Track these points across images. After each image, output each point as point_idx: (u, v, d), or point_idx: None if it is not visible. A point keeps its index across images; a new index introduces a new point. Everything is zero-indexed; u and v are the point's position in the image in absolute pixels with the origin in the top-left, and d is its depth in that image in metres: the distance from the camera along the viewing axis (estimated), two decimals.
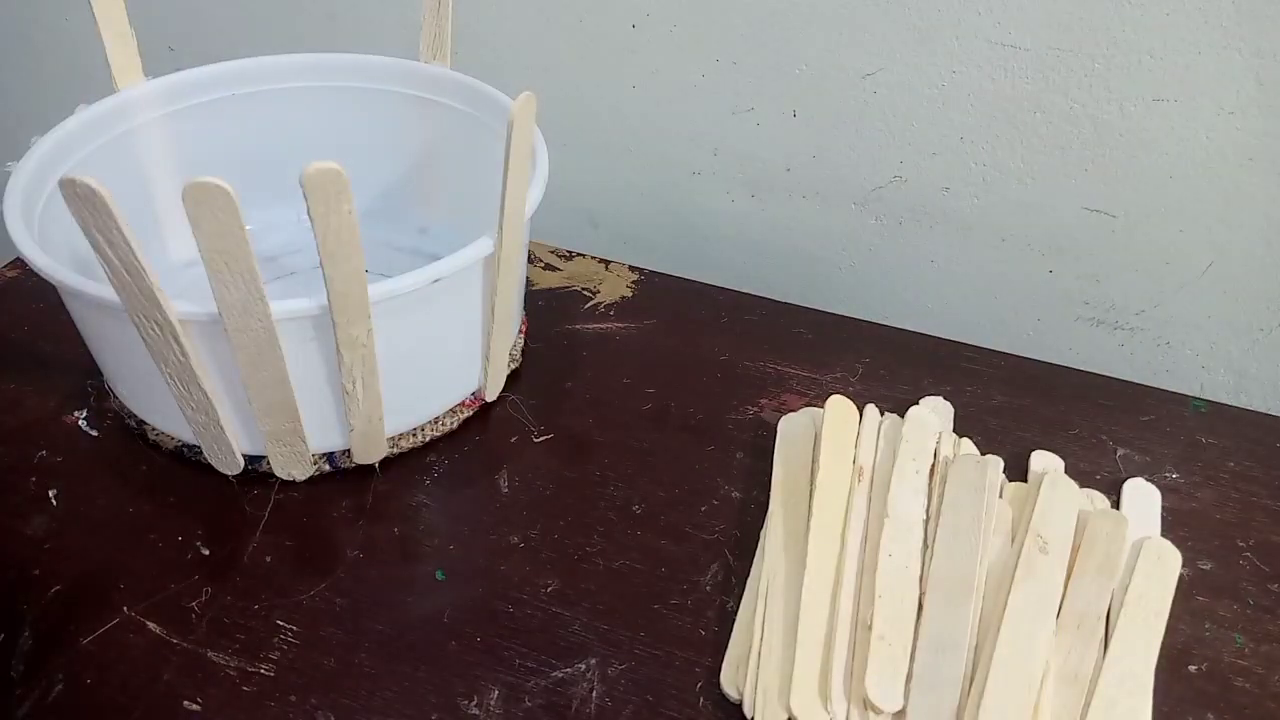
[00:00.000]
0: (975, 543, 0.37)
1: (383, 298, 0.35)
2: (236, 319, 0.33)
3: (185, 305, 0.33)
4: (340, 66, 0.51)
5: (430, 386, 0.43)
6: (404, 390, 0.40)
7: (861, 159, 0.57)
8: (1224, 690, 0.34)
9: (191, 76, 0.49)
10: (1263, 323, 0.53)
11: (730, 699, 0.34)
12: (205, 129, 0.50)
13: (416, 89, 0.50)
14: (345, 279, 0.33)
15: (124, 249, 0.31)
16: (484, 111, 0.48)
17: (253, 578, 0.38)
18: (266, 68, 0.50)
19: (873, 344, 0.50)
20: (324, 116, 0.52)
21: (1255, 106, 0.47)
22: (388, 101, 0.51)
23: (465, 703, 0.34)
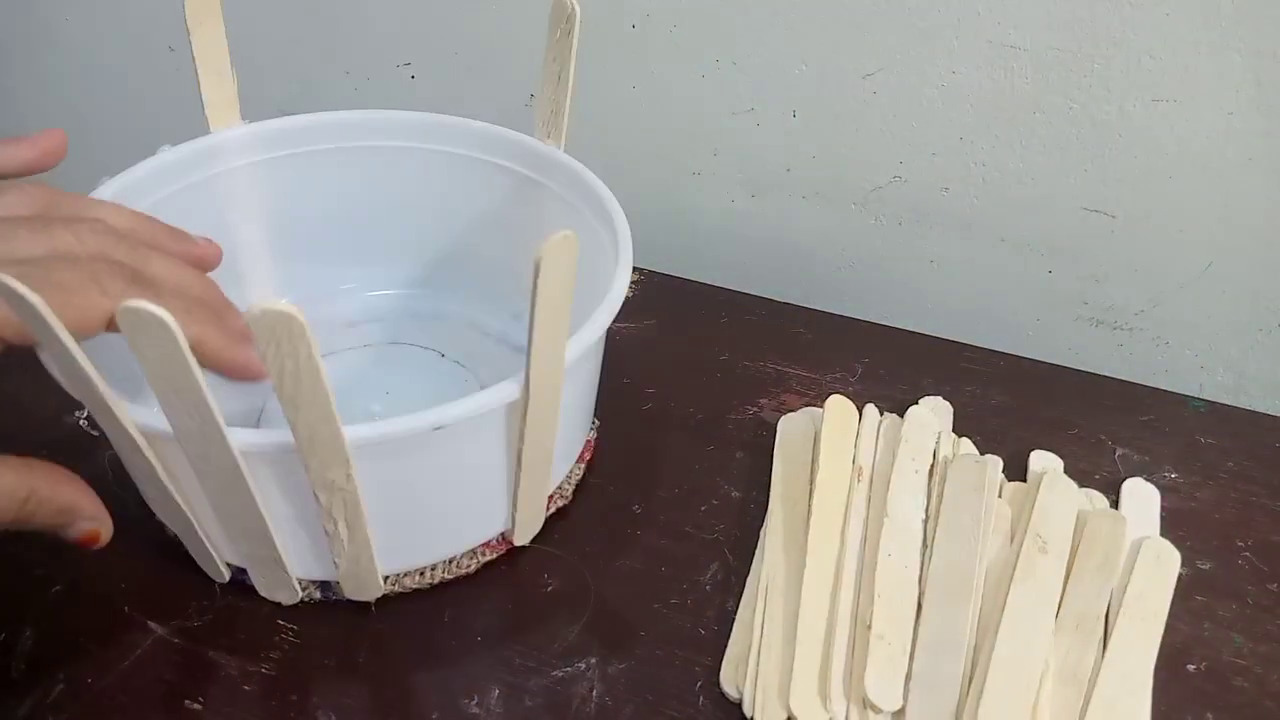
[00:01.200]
0: (974, 542, 0.37)
1: (364, 443, 0.30)
2: (195, 447, 0.29)
3: (145, 417, 0.29)
4: (452, 130, 0.47)
5: (437, 531, 0.37)
6: (403, 533, 0.36)
7: (861, 159, 0.57)
8: (1223, 690, 0.34)
9: (292, 123, 0.46)
10: (1262, 323, 0.53)
11: (730, 698, 0.34)
12: (299, 180, 0.47)
13: (528, 168, 0.46)
14: (310, 425, 0.28)
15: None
16: (586, 205, 0.44)
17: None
18: (375, 123, 0.47)
19: (872, 344, 0.50)
20: (429, 180, 0.48)
21: (1255, 107, 0.47)
22: (496, 175, 0.46)
23: (466, 701, 0.34)
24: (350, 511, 0.32)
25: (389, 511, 0.33)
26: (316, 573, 0.36)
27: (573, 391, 0.36)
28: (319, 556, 0.35)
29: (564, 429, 0.37)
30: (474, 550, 0.38)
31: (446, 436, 0.31)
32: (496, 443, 0.34)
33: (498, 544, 0.38)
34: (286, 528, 0.33)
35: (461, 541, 0.38)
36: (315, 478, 0.30)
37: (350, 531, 0.33)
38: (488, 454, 0.34)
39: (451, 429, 0.31)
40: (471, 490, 0.36)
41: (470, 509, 0.37)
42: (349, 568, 0.34)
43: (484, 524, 0.38)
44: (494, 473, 0.35)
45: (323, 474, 0.30)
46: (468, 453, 0.34)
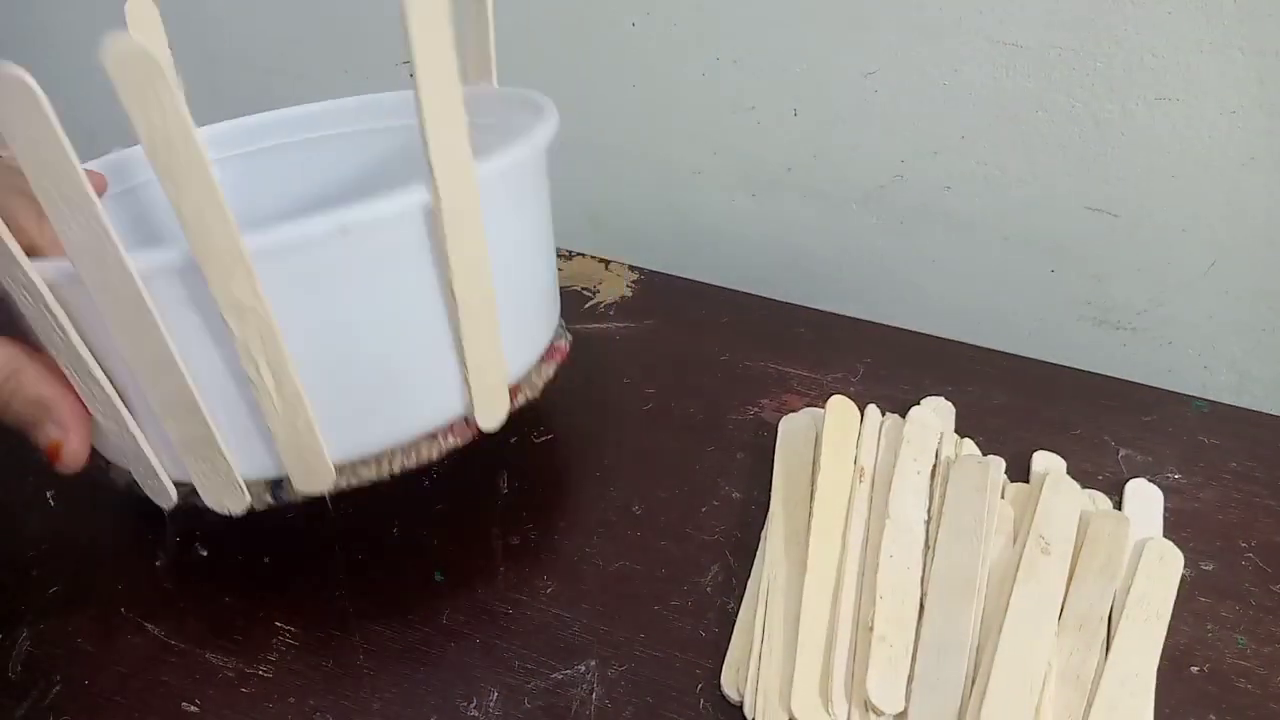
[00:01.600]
0: (977, 544, 0.37)
1: (268, 246, 0.28)
2: (91, 271, 0.27)
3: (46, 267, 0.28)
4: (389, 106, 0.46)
5: (382, 396, 0.33)
6: (341, 396, 0.32)
7: (862, 159, 0.56)
8: (1226, 691, 0.34)
9: (242, 124, 0.46)
10: (1265, 322, 0.53)
11: (731, 700, 0.34)
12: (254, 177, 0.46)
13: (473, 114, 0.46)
14: (196, 208, 0.26)
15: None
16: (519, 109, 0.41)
17: (251, 578, 0.38)
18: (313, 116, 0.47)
19: (873, 344, 0.50)
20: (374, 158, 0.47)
21: (1257, 106, 0.47)
22: None
23: (464, 704, 0.34)
24: (269, 347, 0.29)
25: (314, 360, 0.31)
26: (261, 465, 0.33)
27: (510, 233, 0.35)
28: (259, 437, 0.32)
29: (511, 287, 0.35)
30: (435, 434, 0.35)
31: (361, 252, 0.30)
32: (423, 278, 0.32)
33: (461, 429, 0.35)
34: (212, 393, 0.31)
35: (415, 418, 0.34)
36: (221, 296, 0.28)
37: (276, 379, 0.30)
38: (411, 284, 0.32)
39: (364, 241, 0.29)
40: (404, 335, 0.33)
41: (410, 367, 0.33)
42: (288, 437, 0.32)
43: (434, 394, 0.34)
44: (426, 312, 0.33)
45: (227, 289, 0.28)
46: (386, 277, 0.31)
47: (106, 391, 0.31)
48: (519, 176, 0.35)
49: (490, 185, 0.32)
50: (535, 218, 0.38)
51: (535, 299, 0.39)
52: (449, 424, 0.35)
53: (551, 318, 0.41)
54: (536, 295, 0.39)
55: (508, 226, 0.34)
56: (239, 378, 0.31)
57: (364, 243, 0.30)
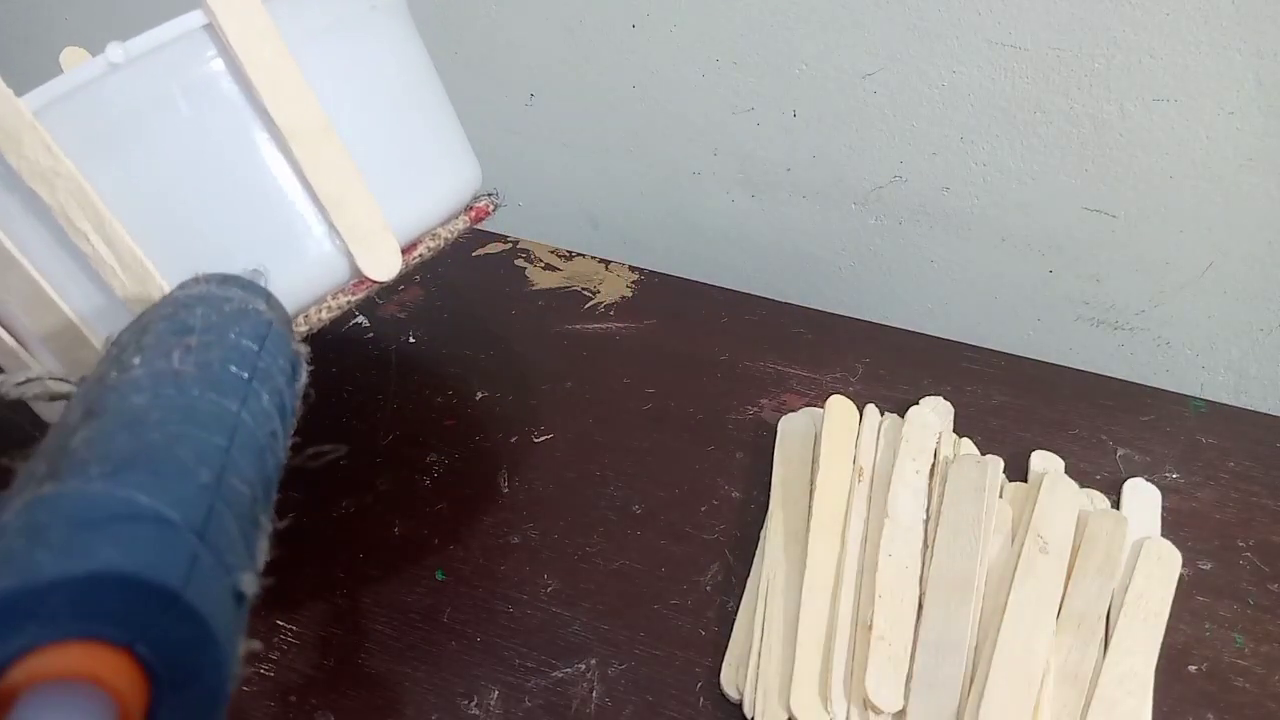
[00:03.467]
0: (975, 543, 0.37)
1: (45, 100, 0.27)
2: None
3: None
4: None
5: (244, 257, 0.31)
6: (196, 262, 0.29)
7: (861, 159, 0.57)
8: (1224, 690, 0.34)
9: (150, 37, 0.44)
10: (1263, 322, 0.53)
11: (730, 699, 0.34)
12: None
13: None
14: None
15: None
16: None
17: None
18: None
19: (873, 344, 0.50)
20: None
21: (1255, 106, 0.47)
22: None
23: (465, 703, 0.34)
24: (89, 212, 0.28)
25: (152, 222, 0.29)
26: None
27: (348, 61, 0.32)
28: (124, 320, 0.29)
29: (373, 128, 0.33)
30: (323, 299, 0.32)
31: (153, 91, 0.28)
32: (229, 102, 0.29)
33: (354, 286, 0.33)
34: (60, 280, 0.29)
35: (292, 278, 0.31)
36: (17, 161, 0.27)
37: (111, 247, 0.28)
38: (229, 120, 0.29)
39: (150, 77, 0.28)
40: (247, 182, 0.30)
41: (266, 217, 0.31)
42: None
43: (305, 249, 0.31)
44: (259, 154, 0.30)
45: (19, 153, 0.27)
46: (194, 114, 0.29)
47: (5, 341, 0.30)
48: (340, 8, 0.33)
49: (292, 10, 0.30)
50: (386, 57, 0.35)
51: (413, 145, 0.36)
52: (338, 284, 0.33)
53: (455, 173, 0.38)
54: (414, 142, 0.36)
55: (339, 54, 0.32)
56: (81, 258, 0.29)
57: (149, 78, 0.28)
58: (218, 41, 0.29)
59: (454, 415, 0.46)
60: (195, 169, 0.30)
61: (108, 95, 0.28)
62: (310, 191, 0.31)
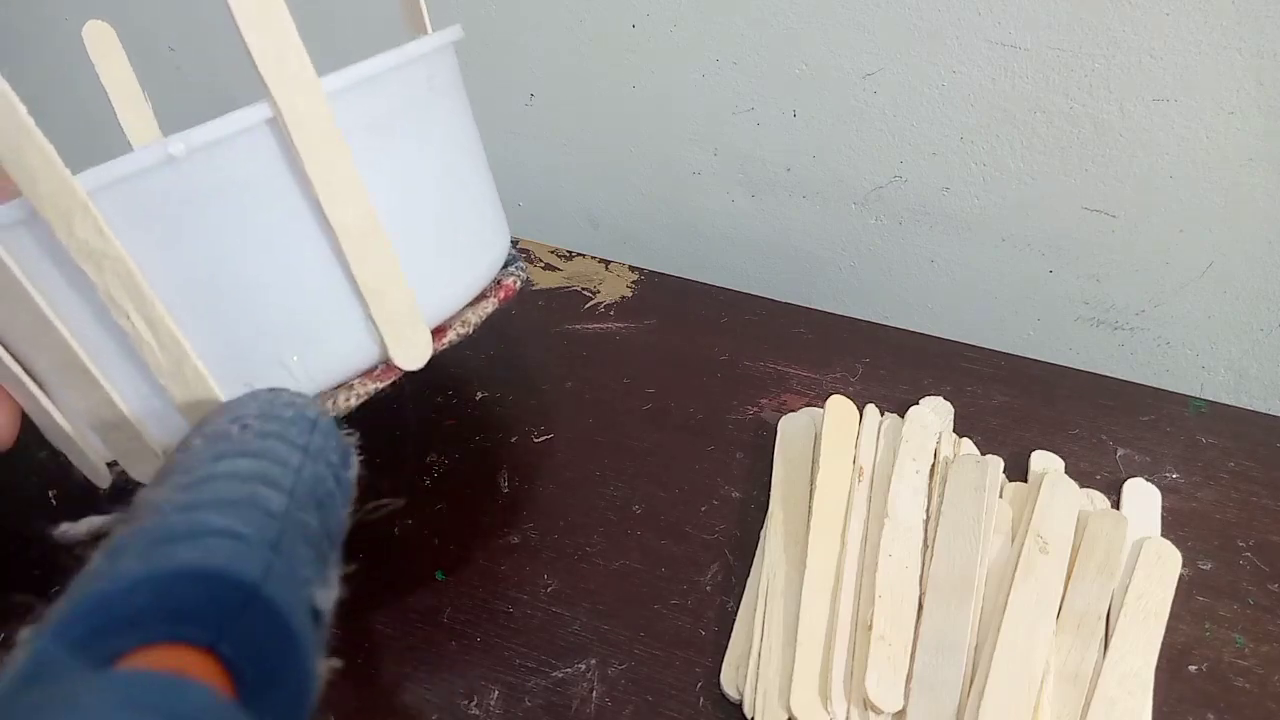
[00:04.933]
0: (975, 543, 0.37)
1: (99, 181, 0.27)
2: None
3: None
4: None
5: (279, 345, 0.31)
6: (231, 345, 0.30)
7: (861, 159, 0.57)
8: (1224, 690, 0.34)
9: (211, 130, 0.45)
10: (1263, 322, 0.53)
11: (730, 699, 0.34)
12: None
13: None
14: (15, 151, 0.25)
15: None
16: None
17: None
18: None
19: (873, 344, 0.50)
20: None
21: (1255, 106, 0.47)
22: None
23: (465, 703, 0.34)
24: (133, 293, 0.28)
25: (191, 303, 0.29)
26: (172, 430, 0.31)
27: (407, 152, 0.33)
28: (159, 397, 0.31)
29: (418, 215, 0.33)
30: (350, 383, 0.33)
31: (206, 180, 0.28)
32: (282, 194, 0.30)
33: (381, 372, 0.33)
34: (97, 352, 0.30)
35: (323, 364, 0.32)
36: (66, 239, 0.27)
37: (150, 325, 0.29)
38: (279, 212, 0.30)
39: (206, 167, 0.28)
40: (289, 272, 0.31)
41: (300, 305, 0.31)
42: (181, 393, 0.30)
43: (338, 335, 0.32)
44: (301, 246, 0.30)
45: (72, 235, 0.27)
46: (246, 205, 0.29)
47: (10, 367, 0.30)
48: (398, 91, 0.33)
49: (350, 98, 0.30)
50: (437, 140, 0.35)
51: (453, 231, 0.36)
52: (366, 369, 0.33)
53: (488, 250, 0.38)
54: (455, 227, 0.36)
55: (392, 146, 0.32)
56: (120, 335, 0.29)
57: (206, 169, 0.28)
58: (279, 137, 0.29)
59: (454, 415, 0.46)
60: (241, 258, 0.30)
61: (163, 185, 0.28)
62: (353, 283, 0.32)
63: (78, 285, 0.29)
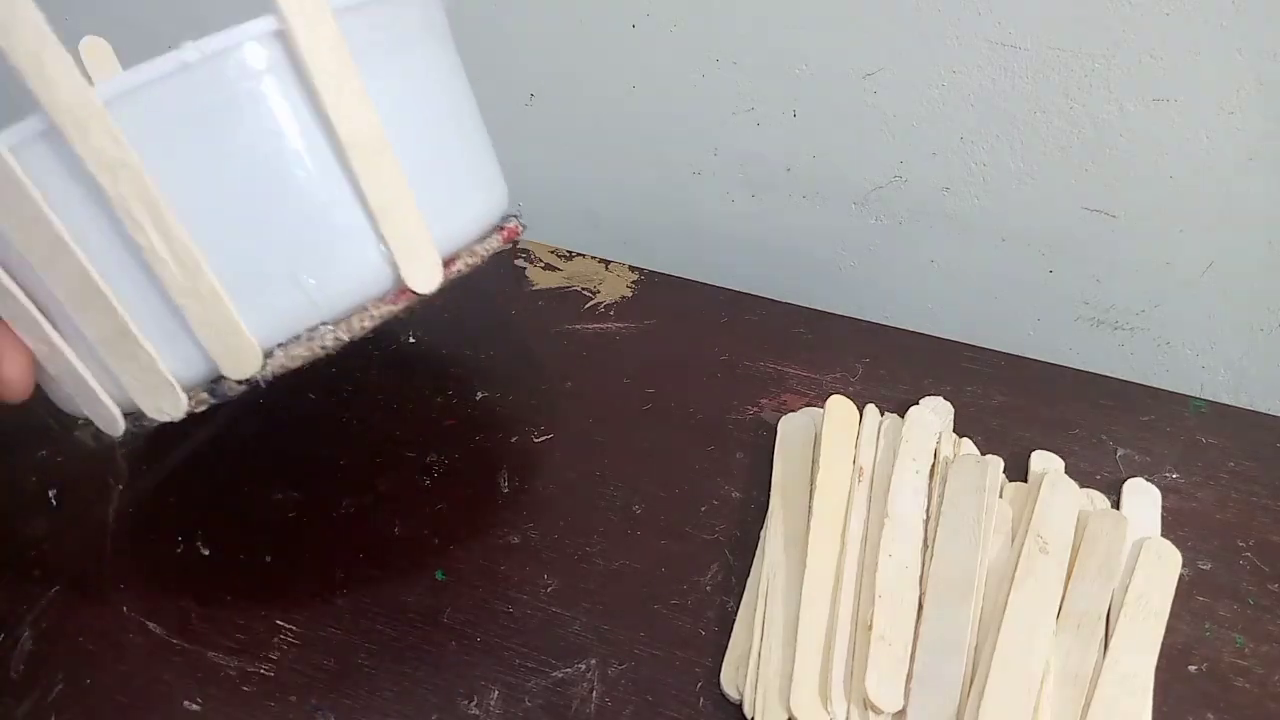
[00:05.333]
0: (975, 543, 0.37)
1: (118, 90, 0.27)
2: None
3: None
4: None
5: (293, 262, 0.31)
6: (246, 262, 0.31)
7: (861, 159, 0.57)
8: (1224, 690, 0.34)
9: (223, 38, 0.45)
10: (1263, 323, 0.53)
11: (730, 699, 0.34)
12: None
13: None
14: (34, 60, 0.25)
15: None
16: None
17: (253, 577, 0.38)
18: None
19: (873, 344, 0.50)
20: None
21: (1256, 106, 0.47)
22: None
23: (465, 703, 0.34)
24: (150, 206, 0.28)
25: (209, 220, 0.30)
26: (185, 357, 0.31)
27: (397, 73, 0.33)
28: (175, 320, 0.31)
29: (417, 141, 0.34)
30: (365, 307, 0.33)
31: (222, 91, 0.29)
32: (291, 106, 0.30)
33: (394, 296, 0.33)
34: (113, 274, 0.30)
35: (336, 284, 0.32)
36: (83, 150, 0.27)
37: (166, 242, 0.29)
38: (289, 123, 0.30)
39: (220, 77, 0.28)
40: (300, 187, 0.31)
41: (315, 221, 0.32)
42: (199, 313, 0.30)
43: (351, 255, 0.32)
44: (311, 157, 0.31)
45: (87, 141, 0.27)
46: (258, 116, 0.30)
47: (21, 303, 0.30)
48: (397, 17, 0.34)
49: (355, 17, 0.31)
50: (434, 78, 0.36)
51: (454, 164, 0.37)
52: (379, 293, 0.33)
53: (489, 190, 0.39)
54: (456, 161, 0.37)
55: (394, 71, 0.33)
56: (137, 256, 0.29)
57: (220, 78, 0.29)
58: (288, 48, 0.30)
59: (454, 415, 0.46)
60: (253, 171, 0.30)
61: (177, 92, 0.29)
62: (362, 201, 0.32)
63: (93, 202, 0.29)
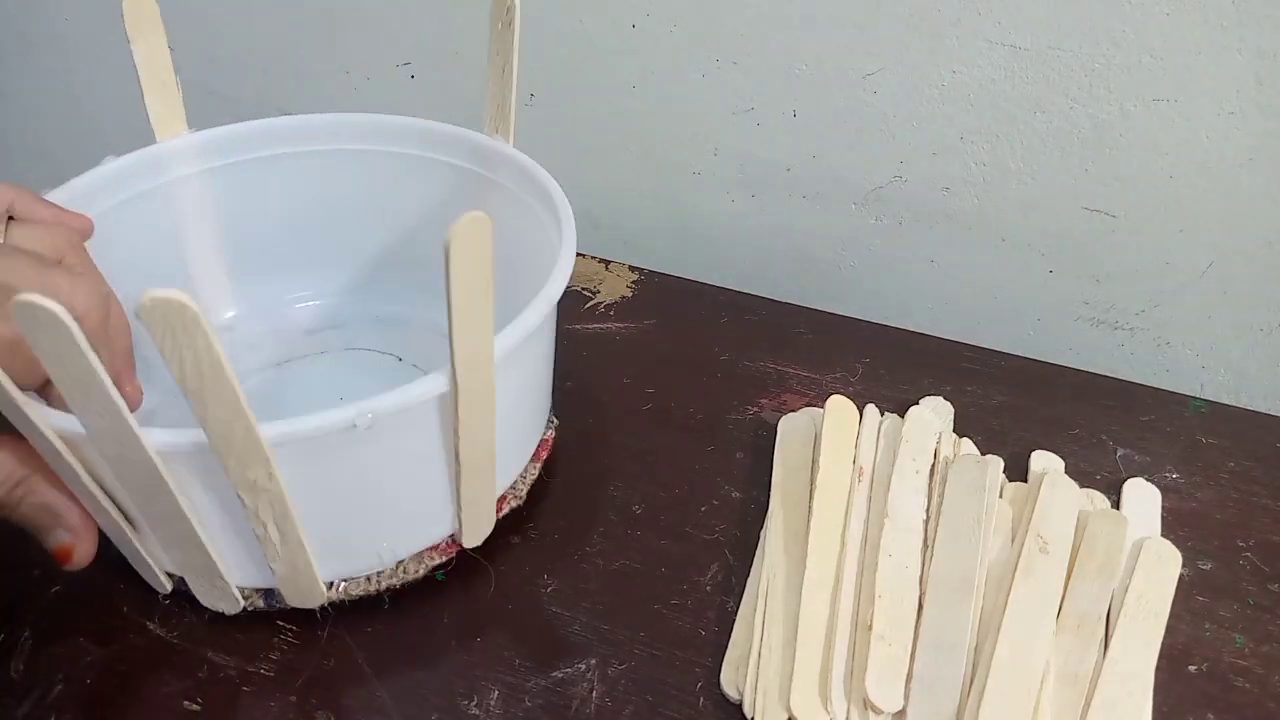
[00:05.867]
0: (975, 543, 0.37)
1: (282, 440, 0.29)
2: (109, 448, 0.28)
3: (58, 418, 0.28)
4: (400, 131, 0.46)
5: (378, 534, 0.35)
6: (340, 536, 0.34)
7: (861, 159, 0.57)
8: (1224, 690, 0.34)
9: (239, 130, 0.45)
10: (1263, 323, 0.53)
11: (730, 699, 0.34)
12: (249, 187, 0.46)
13: (476, 164, 0.45)
14: (221, 421, 0.27)
15: None
16: (534, 198, 0.43)
17: None
18: (319, 126, 0.46)
19: (873, 344, 0.50)
20: (380, 181, 0.47)
21: (1255, 107, 0.47)
22: (445, 173, 0.46)
23: (465, 703, 0.34)
24: (279, 514, 0.31)
25: (322, 513, 0.32)
26: (256, 579, 0.35)
27: (514, 384, 0.35)
28: (255, 562, 0.33)
29: (510, 425, 0.36)
30: (420, 554, 0.37)
31: (370, 435, 0.30)
32: (430, 439, 0.33)
33: (446, 547, 0.37)
34: (217, 533, 0.32)
35: (405, 545, 0.36)
36: (235, 478, 0.29)
37: (281, 534, 0.31)
38: (422, 451, 0.33)
39: (378, 426, 0.30)
40: (409, 491, 0.34)
41: (410, 511, 0.35)
42: (286, 572, 0.33)
43: (428, 526, 0.36)
44: (431, 471, 0.34)
45: (242, 474, 0.29)
46: (399, 450, 0.33)
47: (112, 515, 0.32)
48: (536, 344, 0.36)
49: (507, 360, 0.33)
50: (540, 355, 0.39)
51: (530, 422, 0.40)
52: (436, 544, 0.37)
53: (543, 420, 0.42)
54: (531, 418, 0.40)
55: (515, 376, 0.35)
56: (245, 529, 0.32)
57: (380, 432, 0.31)
58: (444, 404, 0.32)
59: None
60: (378, 490, 0.34)
61: (337, 440, 0.30)
62: (458, 501, 0.35)
63: (225, 500, 0.31)
